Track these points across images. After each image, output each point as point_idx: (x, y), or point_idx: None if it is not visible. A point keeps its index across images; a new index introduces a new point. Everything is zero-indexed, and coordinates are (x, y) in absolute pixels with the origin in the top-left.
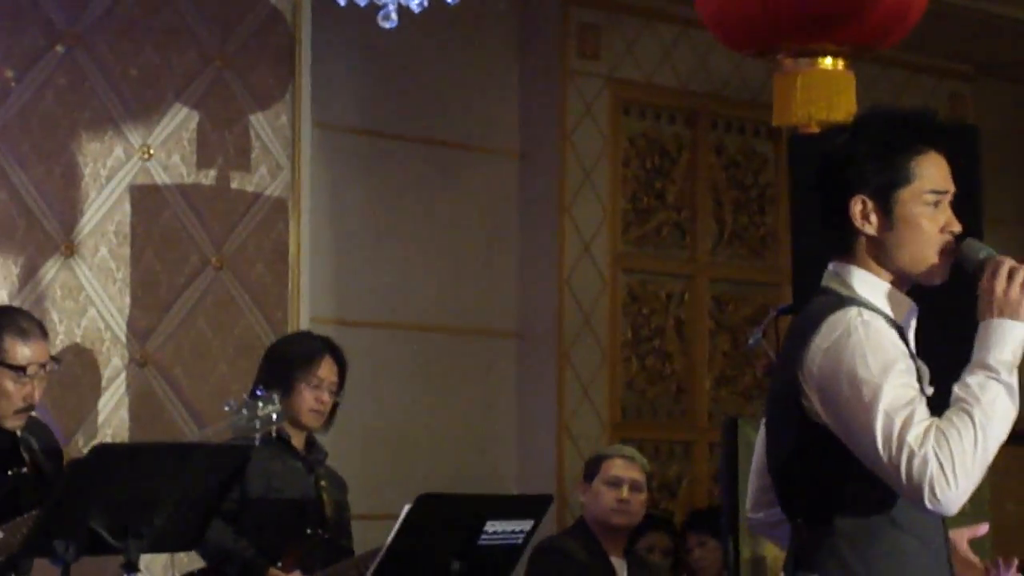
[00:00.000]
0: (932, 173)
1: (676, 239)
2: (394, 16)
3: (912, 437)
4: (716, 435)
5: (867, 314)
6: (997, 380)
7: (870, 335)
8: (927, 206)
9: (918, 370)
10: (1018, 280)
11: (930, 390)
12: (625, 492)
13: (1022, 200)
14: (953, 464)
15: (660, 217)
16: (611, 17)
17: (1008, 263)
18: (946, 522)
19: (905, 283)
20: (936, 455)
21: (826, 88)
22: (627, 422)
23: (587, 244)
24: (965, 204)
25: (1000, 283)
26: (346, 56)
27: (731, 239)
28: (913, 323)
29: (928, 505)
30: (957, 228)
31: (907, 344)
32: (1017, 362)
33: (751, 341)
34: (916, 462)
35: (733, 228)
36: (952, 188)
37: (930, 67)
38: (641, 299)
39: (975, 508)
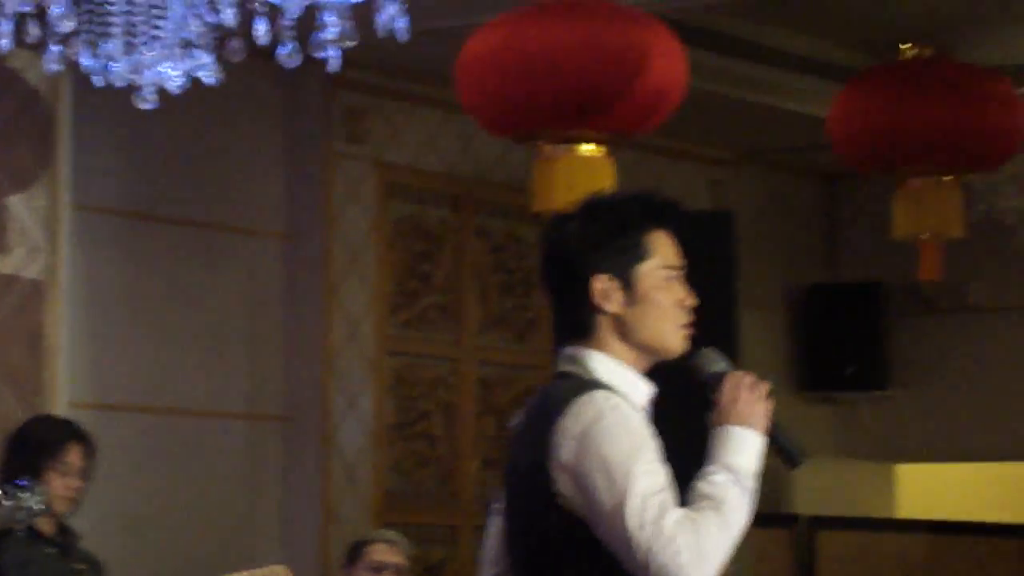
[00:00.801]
0: (665, 249)
1: (442, 322)
2: (153, 97)
3: (667, 524)
4: (482, 518)
5: (614, 398)
6: (738, 484)
7: (619, 419)
8: (664, 280)
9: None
10: (761, 395)
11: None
12: None
13: (779, 284)
14: (700, 556)
15: (426, 300)
16: (376, 101)
17: (750, 376)
18: None
19: (644, 362)
20: (688, 546)
21: (586, 174)
22: (392, 506)
23: (353, 327)
24: (721, 289)
25: (744, 395)
26: (107, 137)
27: (497, 322)
28: (651, 407)
29: None
30: (692, 301)
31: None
32: (755, 470)
33: (513, 423)
34: (670, 550)
35: (499, 311)
36: (683, 263)
37: (690, 153)
38: (407, 382)
39: None
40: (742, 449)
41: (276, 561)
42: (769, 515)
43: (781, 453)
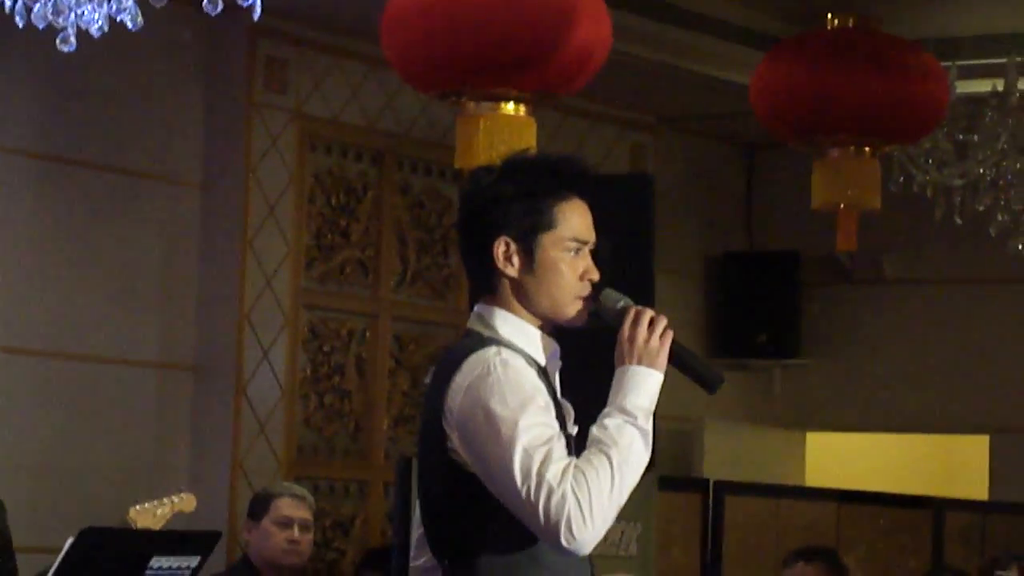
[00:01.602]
0: (575, 221)
1: (359, 277)
2: (73, 40)
3: (551, 475)
4: (392, 474)
5: (506, 353)
6: (634, 425)
7: (508, 374)
8: (567, 252)
9: (561, 409)
10: (658, 330)
11: (574, 429)
12: (296, 532)
13: (696, 250)
14: (591, 504)
15: (344, 255)
16: (299, 52)
17: (648, 312)
18: (594, 563)
19: (547, 325)
20: (574, 494)
21: (508, 133)
22: (303, 460)
23: (269, 279)
24: (638, 253)
25: (641, 332)
26: (23, 79)
27: (414, 279)
28: (557, 364)
29: (564, 543)
30: (595, 276)
31: (550, 384)
32: (652, 409)
33: (427, 380)
34: (554, 500)
35: (416, 268)
36: (593, 237)
37: (612, 116)
38: (322, 336)
39: (641, 552)
40: (639, 388)
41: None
42: (678, 479)
43: (696, 379)
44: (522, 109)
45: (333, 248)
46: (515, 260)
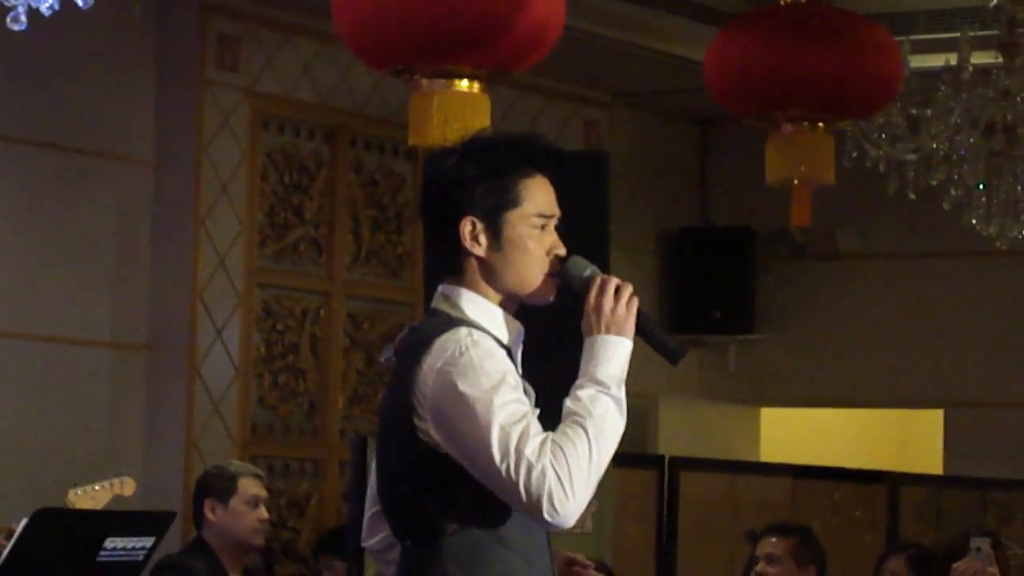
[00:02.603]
0: (539, 197)
1: (313, 256)
2: (23, 19)
3: (529, 450)
4: (347, 453)
5: (476, 334)
6: (607, 394)
7: (479, 354)
8: (534, 228)
9: (525, 390)
10: (624, 297)
11: (535, 411)
12: (263, 512)
13: (650, 226)
14: (571, 476)
15: (297, 233)
16: (250, 29)
17: (614, 280)
18: (552, 542)
19: (512, 304)
20: (554, 468)
21: (462, 110)
22: (258, 439)
23: (222, 257)
24: (593, 229)
25: (608, 300)
26: None
27: (368, 257)
28: (520, 346)
29: (547, 518)
30: (562, 251)
31: (515, 365)
32: (623, 377)
33: (383, 359)
34: (535, 475)
35: (370, 246)
36: (557, 212)
37: (567, 93)
38: (276, 315)
39: (597, 528)
40: (609, 357)
41: (138, 492)
42: (633, 455)
43: (660, 350)
44: (476, 86)
45: (286, 226)
46: (482, 239)
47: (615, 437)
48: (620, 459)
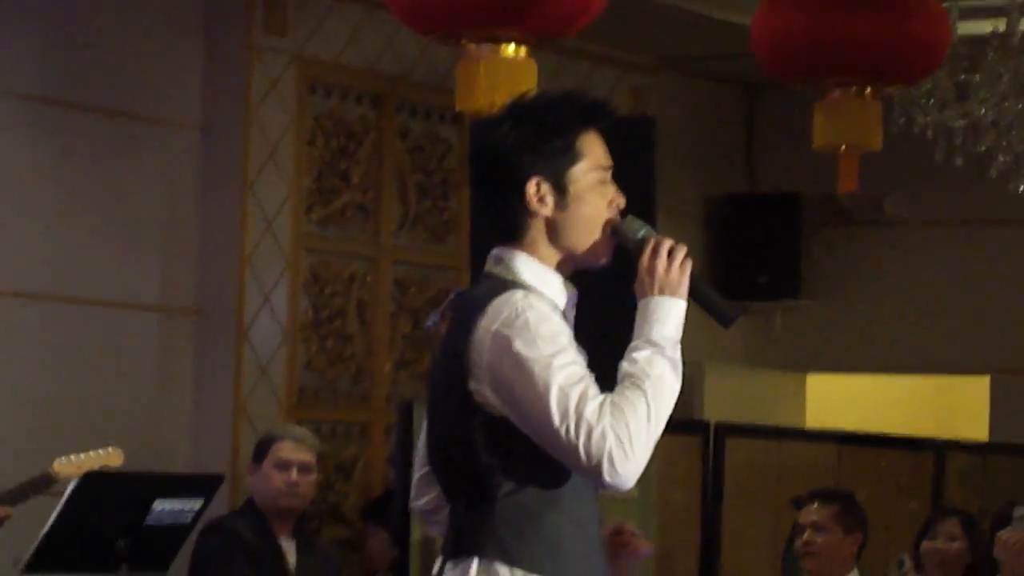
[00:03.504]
0: (596, 150)
1: (360, 221)
2: None
3: (589, 412)
4: (393, 417)
5: (532, 297)
6: (663, 355)
7: (537, 317)
8: (596, 182)
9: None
10: (678, 259)
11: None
12: (294, 475)
13: (696, 192)
14: (631, 438)
15: (344, 198)
16: None
17: (668, 242)
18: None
19: (569, 266)
20: (613, 429)
21: (509, 76)
22: (305, 403)
23: (270, 222)
24: (639, 194)
25: (661, 261)
26: (22, 21)
27: (414, 223)
28: (573, 309)
29: (607, 479)
30: (622, 201)
31: (568, 328)
32: (679, 338)
33: (429, 323)
34: (595, 436)
35: (416, 212)
36: (612, 163)
37: (613, 59)
38: (323, 280)
39: (643, 495)
40: (664, 318)
41: (187, 456)
42: (679, 421)
43: (712, 312)
44: (523, 51)
45: (334, 192)
46: (548, 199)
47: (671, 397)
48: (665, 425)
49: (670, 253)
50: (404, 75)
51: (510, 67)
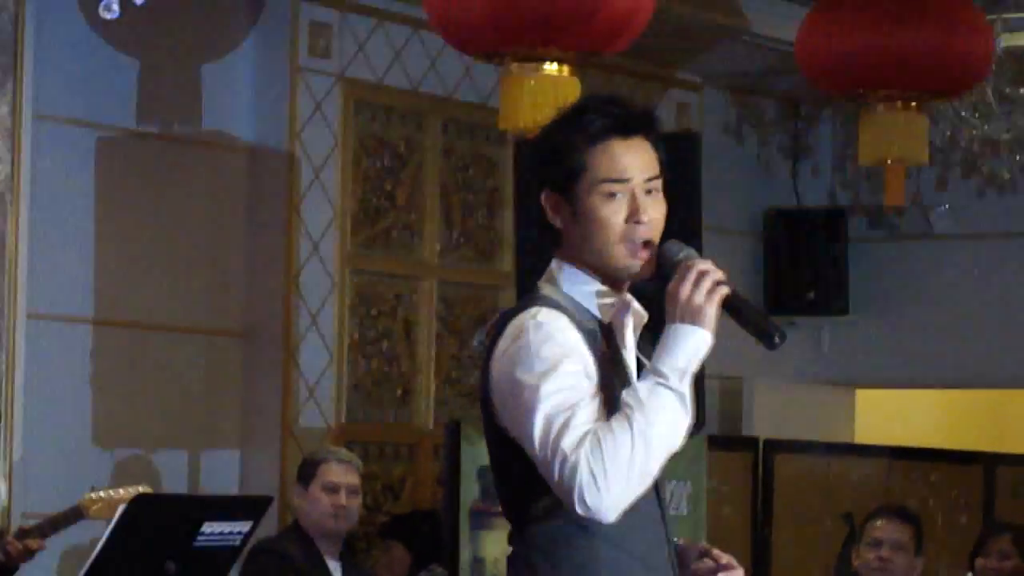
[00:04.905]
0: (606, 162)
1: (405, 241)
2: (116, 7)
3: (566, 442)
4: (440, 437)
5: (544, 314)
6: (665, 386)
7: (540, 338)
8: (604, 196)
9: (622, 368)
10: (705, 285)
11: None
12: (343, 498)
13: (743, 208)
14: (605, 471)
15: (390, 219)
16: (342, 16)
17: (698, 267)
18: (669, 525)
19: (609, 278)
20: (588, 461)
21: (552, 94)
22: (352, 424)
23: (316, 244)
24: (685, 210)
25: (685, 287)
26: (70, 46)
27: (460, 242)
28: (630, 320)
29: (580, 511)
30: (647, 217)
31: (620, 343)
32: (693, 368)
33: (475, 343)
34: (567, 468)
35: (462, 231)
36: (635, 175)
37: (656, 75)
38: (369, 300)
39: (693, 511)
40: (674, 348)
41: (234, 478)
42: (728, 438)
43: (756, 334)
44: (566, 69)
45: (379, 212)
46: (561, 211)
47: (670, 430)
48: (715, 442)
49: (699, 278)
50: (448, 95)
51: (553, 85)
